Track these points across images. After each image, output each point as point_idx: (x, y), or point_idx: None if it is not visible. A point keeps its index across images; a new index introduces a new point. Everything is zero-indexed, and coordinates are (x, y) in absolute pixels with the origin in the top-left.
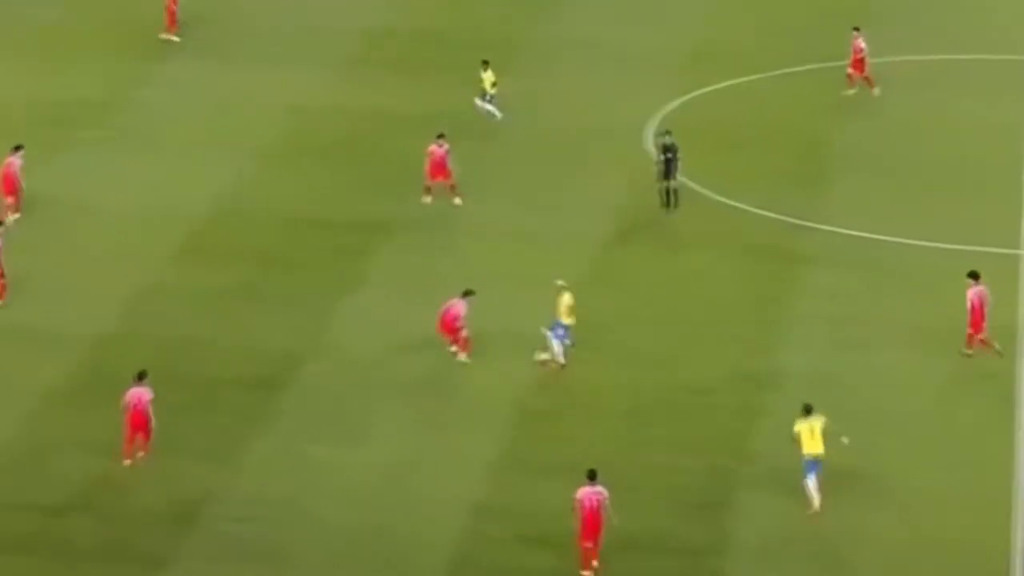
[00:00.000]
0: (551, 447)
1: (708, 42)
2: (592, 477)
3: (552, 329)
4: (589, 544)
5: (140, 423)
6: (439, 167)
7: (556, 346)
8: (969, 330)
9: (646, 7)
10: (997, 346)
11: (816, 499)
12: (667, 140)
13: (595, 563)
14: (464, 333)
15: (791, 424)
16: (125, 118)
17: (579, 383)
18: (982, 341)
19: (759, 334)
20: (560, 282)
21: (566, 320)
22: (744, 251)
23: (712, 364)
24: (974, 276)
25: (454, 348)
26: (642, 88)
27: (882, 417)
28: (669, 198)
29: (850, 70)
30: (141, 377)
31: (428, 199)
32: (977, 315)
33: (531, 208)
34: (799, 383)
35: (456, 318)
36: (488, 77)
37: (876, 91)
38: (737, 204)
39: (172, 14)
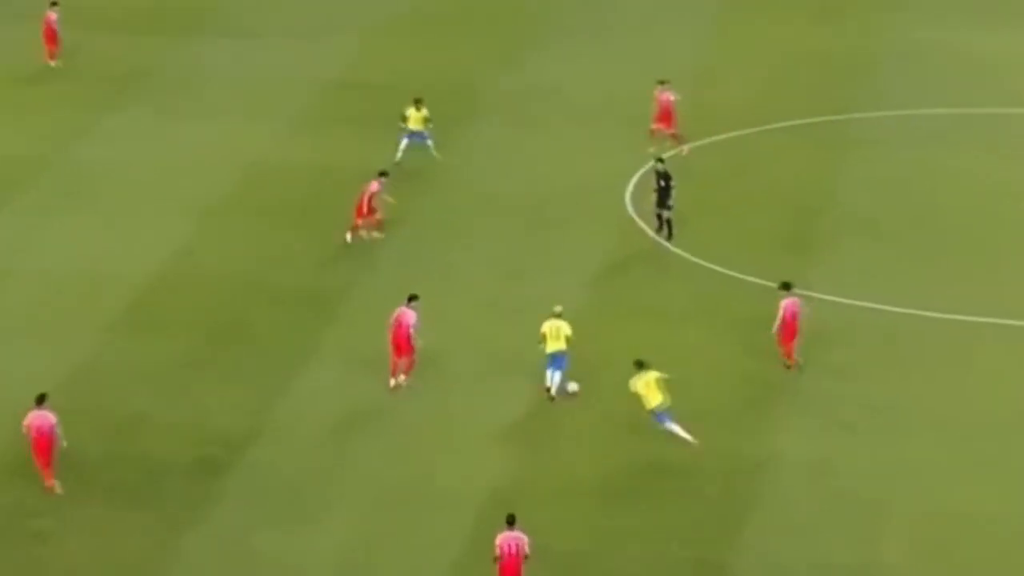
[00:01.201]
0: None
1: (691, 96)
2: (511, 522)
3: (552, 365)
4: None
5: (44, 450)
6: (370, 206)
7: (558, 376)
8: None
9: (623, 60)
10: (800, 361)
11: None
12: (659, 167)
13: None
14: (418, 344)
15: (787, 515)
16: (61, 175)
17: (553, 462)
18: (787, 354)
19: (749, 414)
20: (558, 308)
21: (562, 347)
22: (732, 322)
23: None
24: (786, 287)
25: (394, 381)
26: (620, 144)
27: (886, 509)
28: (663, 226)
29: (655, 125)
30: (41, 401)
31: (351, 237)
32: (789, 327)
33: (501, 274)
34: (795, 469)
35: (409, 327)
36: (420, 116)
37: (685, 149)
38: (725, 271)
39: (51, 36)
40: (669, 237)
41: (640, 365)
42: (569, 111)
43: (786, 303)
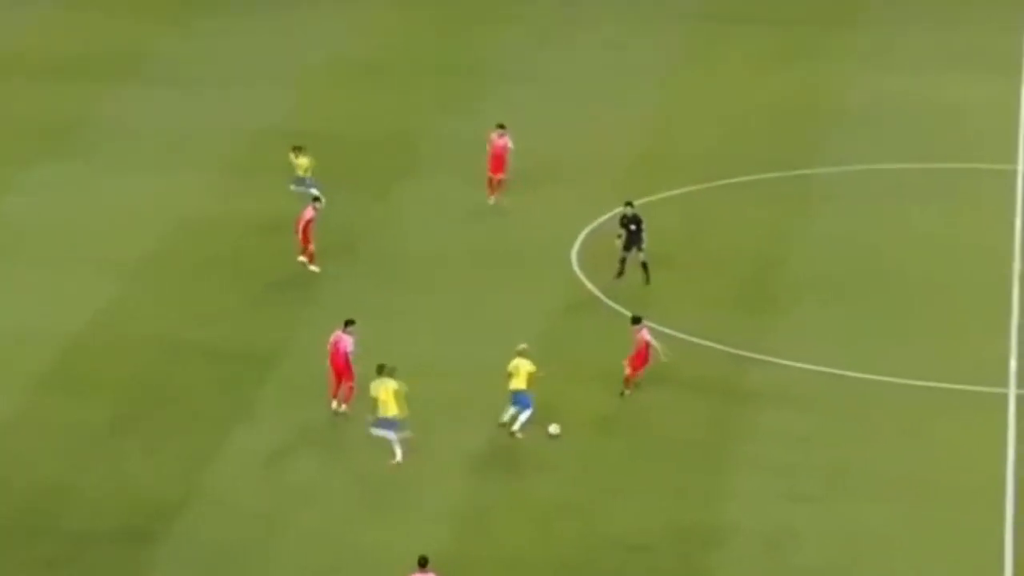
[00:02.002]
0: None
1: (643, 151)
2: (423, 564)
3: (513, 402)
4: None
5: None
6: (307, 231)
7: (516, 411)
8: (627, 371)
9: (573, 112)
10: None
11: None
12: (629, 211)
13: None
14: (355, 369)
15: None
16: None
17: (498, 536)
18: (628, 380)
19: (702, 483)
20: (522, 346)
21: (520, 386)
22: (684, 386)
23: (648, 517)
24: (637, 320)
25: (336, 406)
26: (568, 198)
27: None
28: (623, 271)
29: (491, 174)
30: None
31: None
32: (641, 357)
33: (443, 332)
34: (748, 539)
35: (346, 352)
36: (302, 163)
37: (492, 200)
38: (675, 333)
39: None
40: (647, 281)
41: (381, 370)
42: (515, 163)
43: (643, 335)
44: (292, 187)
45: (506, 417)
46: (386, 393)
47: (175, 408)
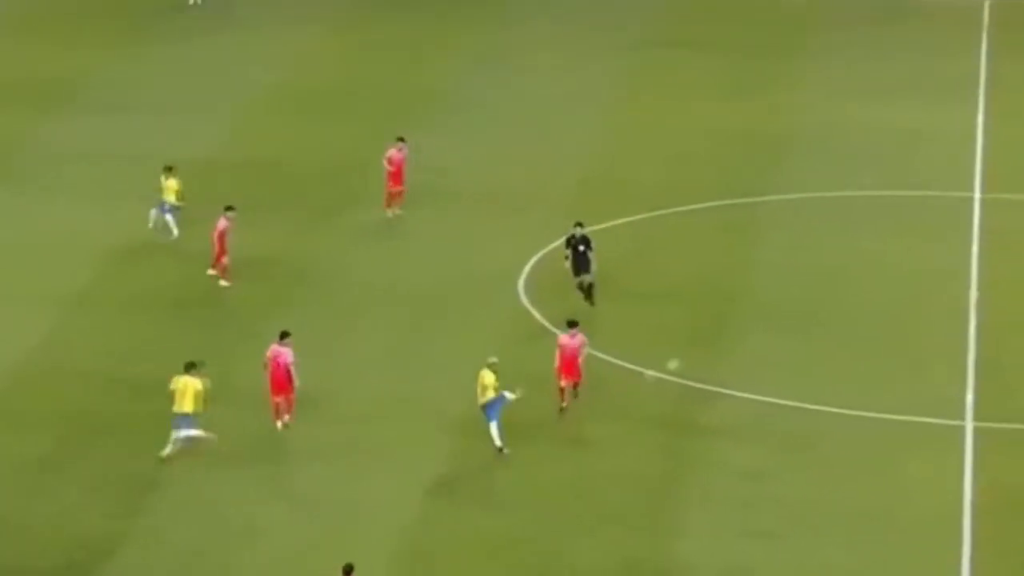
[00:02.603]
0: None
1: (590, 178)
2: (348, 573)
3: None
4: None
5: None
6: (222, 244)
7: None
8: (562, 381)
9: (523, 141)
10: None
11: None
12: (577, 232)
13: None
14: (297, 382)
15: None
16: None
17: (447, 571)
18: (563, 389)
19: (659, 519)
20: (493, 359)
21: (487, 398)
22: (640, 421)
23: (601, 551)
24: (573, 324)
25: (280, 423)
26: (514, 229)
27: None
28: (589, 294)
29: (390, 187)
30: None
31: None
32: (571, 364)
33: (386, 368)
34: None
35: (288, 364)
36: (171, 185)
37: (391, 212)
38: (631, 366)
39: None
40: (592, 303)
41: (189, 367)
42: (460, 194)
43: (576, 341)
44: (153, 212)
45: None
46: (184, 387)
47: (113, 442)
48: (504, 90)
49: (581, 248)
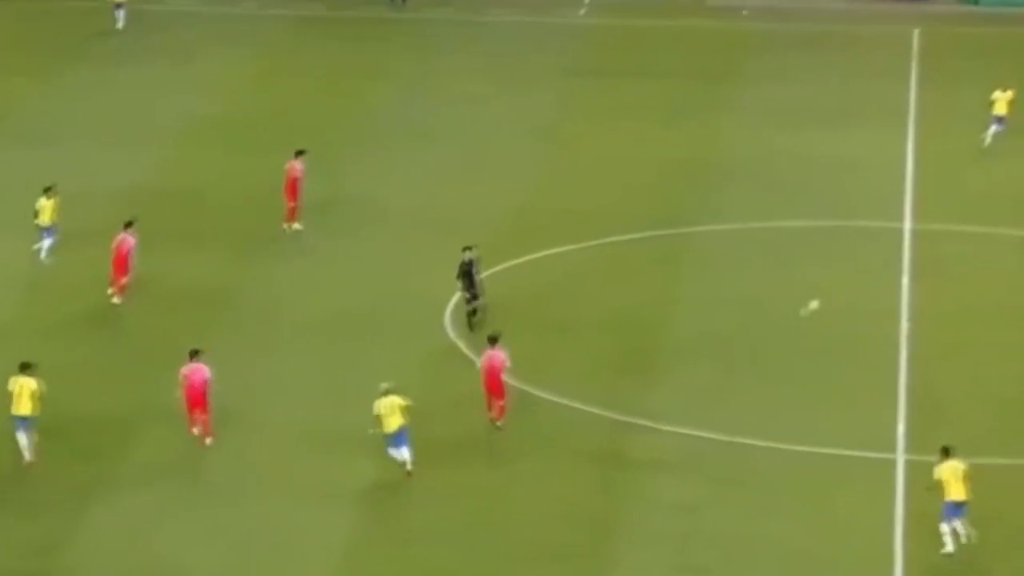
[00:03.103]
0: None
1: (522, 207)
2: None
3: (395, 443)
4: None
5: None
6: (123, 263)
7: (404, 453)
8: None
9: (455, 169)
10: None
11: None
12: (466, 256)
13: None
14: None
15: None
16: None
17: None
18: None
19: (591, 553)
20: (385, 385)
21: (402, 422)
22: (567, 453)
23: None
24: (493, 340)
25: (197, 431)
26: (440, 258)
27: None
28: (475, 314)
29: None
30: None
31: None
32: (494, 381)
33: (310, 399)
34: None
35: (205, 382)
36: (49, 206)
37: (292, 227)
38: (559, 399)
39: None
40: (472, 328)
41: (23, 368)
42: (391, 222)
43: (486, 356)
44: (46, 239)
45: (400, 459)
46: (20, 388)
47: (34, 483)
48: (437, 117)
49: (468, 270)
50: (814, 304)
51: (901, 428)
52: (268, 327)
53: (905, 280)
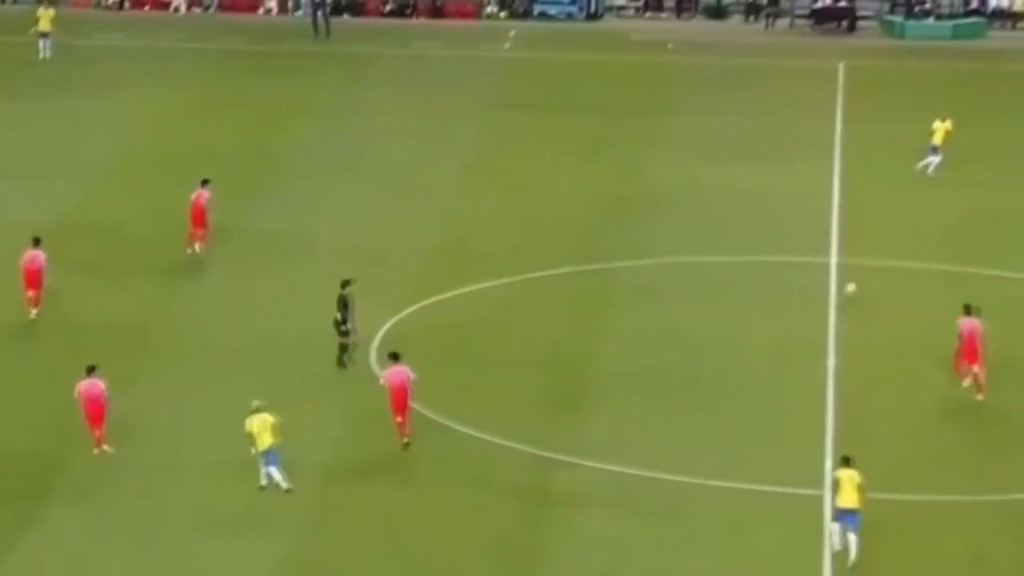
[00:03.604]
0: None
1: (446, 242)
2: None
3: (268, 462)
4: None
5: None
6: (35, 277)
7: (276, 474)
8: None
9: (373, 203)
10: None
11: None
12: (345, 291)
13: None
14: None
15: None
16: None
17: None
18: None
19: None
20: (256, 403)
21: (272, 440)
22: (493, 490)
23: None
24: (394, 357)
25: (101, 449)
26: (365, 292)
27: None
28: (345, 352)
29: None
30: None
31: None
32: (401, 399)
33: (234, 439)
34: None
35: (101, 397)
36: None
37: (189, 251)
38: (480, 435)
39: None
40: (343, 365)
41: None
42: (314, 257)
43: (391, 372)
44: None
45: (264, 481)
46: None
47: None
48: (362, 150)
49: (344, 305)
50: (851, 287)
51: (828, 464)
52: (191, 361)
53: (832, 315)
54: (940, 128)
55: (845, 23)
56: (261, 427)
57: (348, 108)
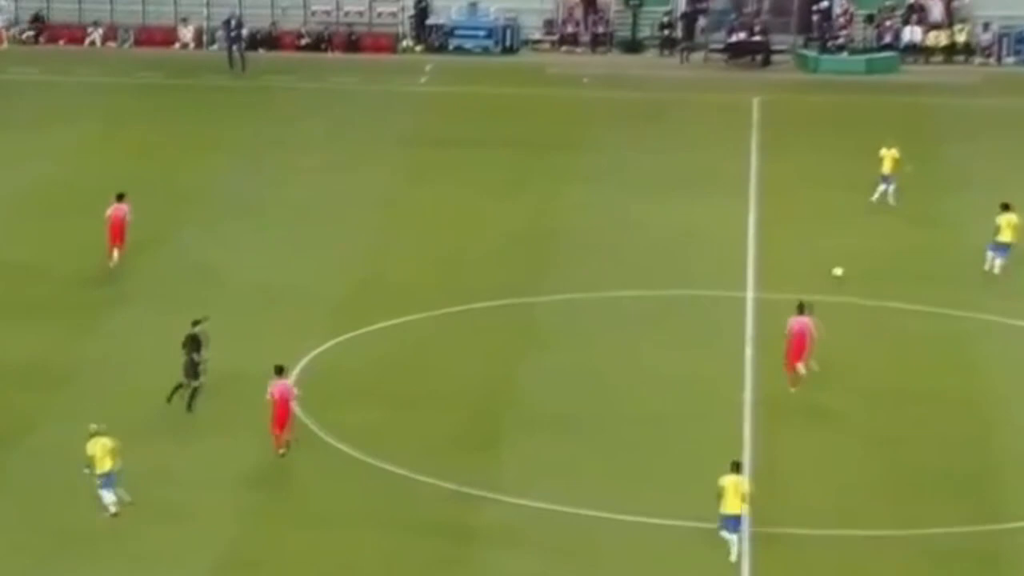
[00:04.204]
0: None
1: (362, 278)
2: None
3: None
4: None
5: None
6: None
7: (109, 496)
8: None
9: (286, 241)
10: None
11: None
12: (195, 329)
13: None
14: None
15: None
16: None
17: None
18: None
19: None
20: (94, 427)
21: (111, 464)
22: (408, 527)
23: None
24: (280, 370)
25: None
26: (280, 330)
27: None
28: (193, 397)
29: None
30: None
31: None
32: (283, 413)
33: (147, 479)
34: None
35: None
36: None
37: (112, 259)
38: (397, 470)
39: None
40: (190, 408)
41: None
42: (230, 295)
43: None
44: None
45: (113, 509)
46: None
47: None
48: (277, 186)
49: (193, 344)
50: (838, 271)
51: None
52: (105, 402)
53: (748, 350)
54: (887, 155)
55: (760, 57)
56: (103, 451)
57: (264, 143)
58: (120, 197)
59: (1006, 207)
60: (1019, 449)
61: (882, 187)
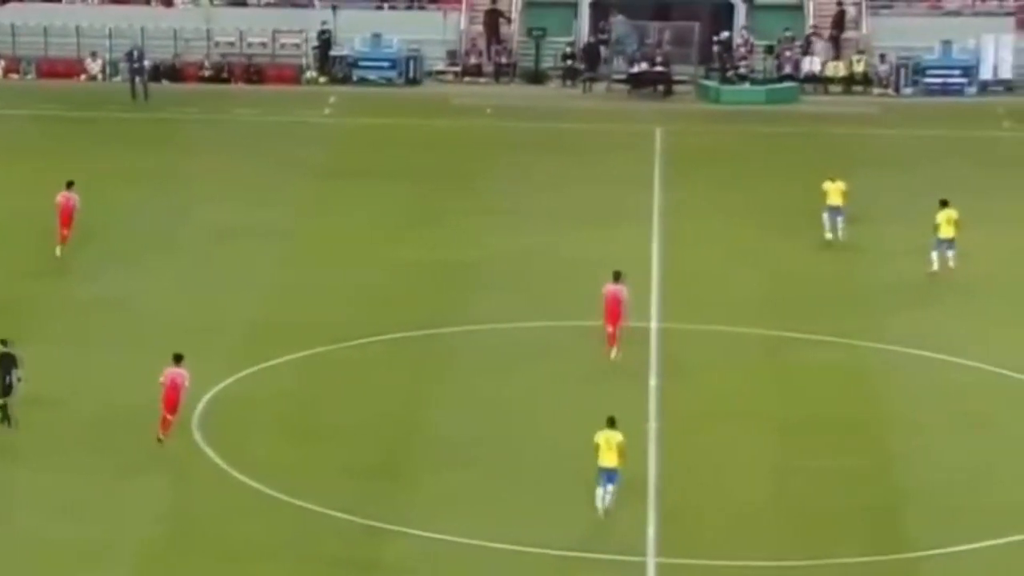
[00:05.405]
0: None
1: (265, 312)
2: None
3: None
4: None
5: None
6: None
7: None
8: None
9: (198, 273)
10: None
11: None
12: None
13: None
14: None
15: None
16: None
17: None
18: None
19: None
20: None
21: None
22: (314, 562)
23: None
24: (179, 358)
25: None
26: (194, 363)
27: None
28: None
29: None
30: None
31: None
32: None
33: (56, 516)
34: None
35: None
36: None
37: (58, 251)
38: (306, 504)
39: None
40: (7, 421)
41: None
42: (134, 326)
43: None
44: None
45: None
46: None
47: None
48: (180, 219)
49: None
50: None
51: (651, 531)
52: (12, 440)
53: (652, 381)
54: (832, 188)
55: (661, 88)
56: None
57: (166, 175)
58: (69, 185)
59: (944, 203)
60: (923, 478)
61: (827, 220)
